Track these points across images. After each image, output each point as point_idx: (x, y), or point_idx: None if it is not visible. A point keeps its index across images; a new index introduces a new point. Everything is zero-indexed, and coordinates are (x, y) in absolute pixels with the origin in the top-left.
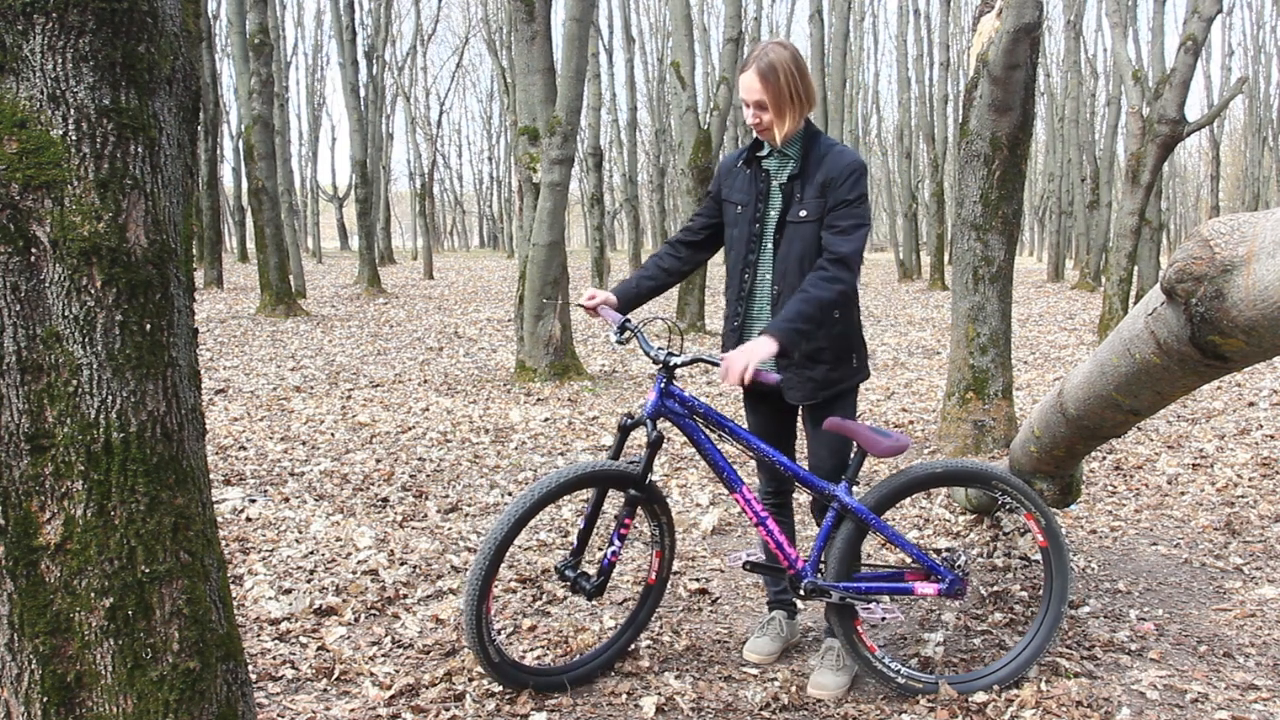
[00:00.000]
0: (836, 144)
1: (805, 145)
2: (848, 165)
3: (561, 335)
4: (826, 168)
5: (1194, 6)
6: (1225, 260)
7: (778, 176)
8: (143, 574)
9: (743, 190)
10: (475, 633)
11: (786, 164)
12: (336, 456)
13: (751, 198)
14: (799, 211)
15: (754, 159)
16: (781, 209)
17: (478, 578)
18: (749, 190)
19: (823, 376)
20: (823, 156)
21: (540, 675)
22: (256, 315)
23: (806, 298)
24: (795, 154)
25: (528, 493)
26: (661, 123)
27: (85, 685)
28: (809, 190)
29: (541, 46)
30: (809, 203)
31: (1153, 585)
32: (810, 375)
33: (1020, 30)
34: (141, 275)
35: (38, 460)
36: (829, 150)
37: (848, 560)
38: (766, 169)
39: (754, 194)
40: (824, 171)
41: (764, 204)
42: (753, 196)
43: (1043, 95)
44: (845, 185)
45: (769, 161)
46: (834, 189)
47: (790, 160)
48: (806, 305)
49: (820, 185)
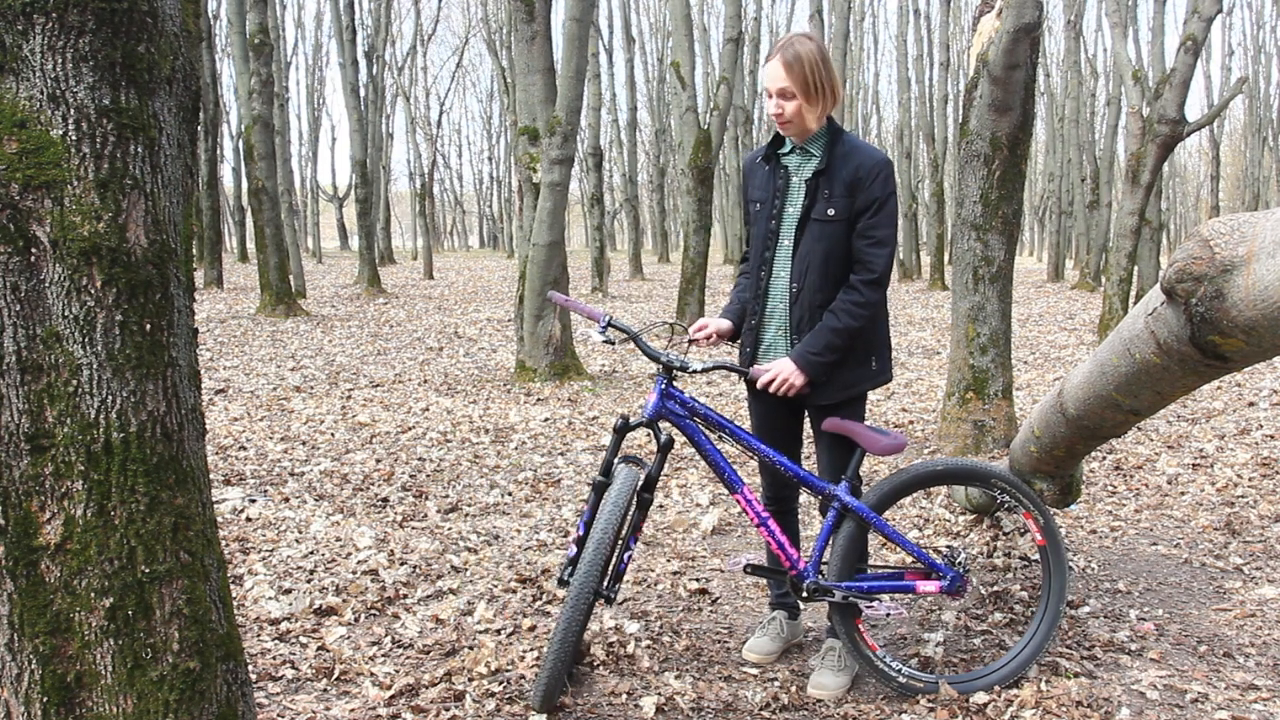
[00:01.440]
0: (861, 141)
1: (829, 142)
2: (878, 163)
3: (561, 335)
4: (854, 165)
5: (1194, 6)
6: (1225, 260)
7: (799, 173)
8: (143, 574)
9: (761, 187)
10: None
11: (809, 160)
12: (336, 456)
13: (769, 194)
14: (826, 210)
15: (773, 155)
16: (805, 206)
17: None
18: (767, 187)
19: (840, 377)
20: (848, 153)
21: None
22: (256, 315)
23: (836, 328)
24: (819, 150)
25: (612, 507)
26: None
27: (85, 685)
28: (836, 188)
29: (541, 46)
30: (837, 201)
31: (1153, 585)
32: (829, 375)
33: (1020, 30)
34: (141, 275)
35: (38, 460)
36: (854, 147)
37: (850, 559)
38: (786, 165)
39: (771, 190)
40: (851, 169)
41: (781, 200)
42: (770, 193)
43: (1043, 95)
44: (876, 183)
45: (790, 158)
46: (864, 188)
47: (813, 157)
48: (836, 336)
49: (848, 184)
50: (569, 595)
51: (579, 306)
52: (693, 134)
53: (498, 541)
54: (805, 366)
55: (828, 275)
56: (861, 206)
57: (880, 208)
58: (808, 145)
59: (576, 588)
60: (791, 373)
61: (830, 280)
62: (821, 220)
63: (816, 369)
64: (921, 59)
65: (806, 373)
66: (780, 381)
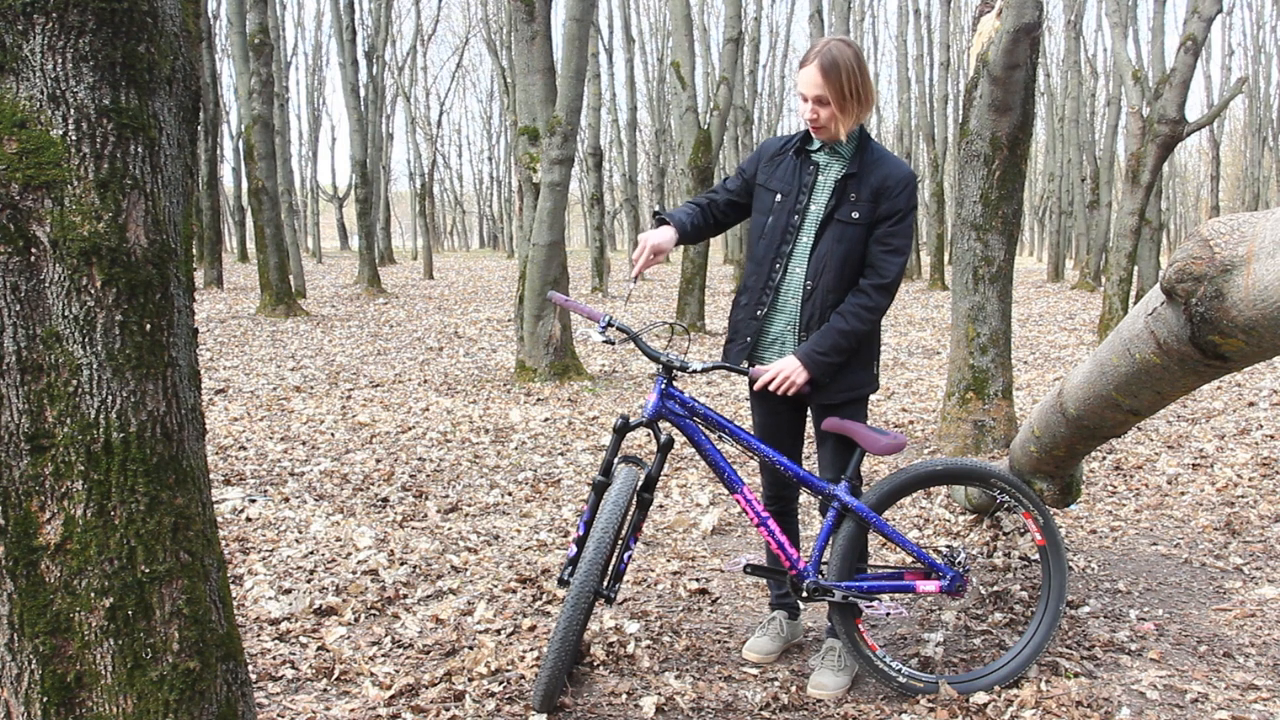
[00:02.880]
0: (887, 151)
1: (858, 146)
2: (905, 176)
3: (561, 335)
4: (883, 174)
5: (1194, 6)
6: (1225, 260)
7: (826, 171)
8: (143, 574)
9: (785, 179)
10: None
11: (837, 161)
12: (336, 456)
13: (794, 188)
14: (851, 213)
15: (803, 151)
16: (831, 206)
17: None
18: (792, 180)
19: (845, 379)
20: (877, 161)
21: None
22: (256, 315)
23: (844, 330)
24: (847, 153)
25: (612, 507)
26: (661, 123)
27: (85, 685)
28: (864, 192)
29: (541, 46)
30: (862, 205)
31: (1153, 585)
32: (834, 376)
33: (1020, 30)
34: (141, 275)
35: (38, 460)
36: (882, 156)
37: (850, 559)
38: (816, 162)
39: (797, 185)
40: (880, 177)
41: (807, 196)
42: (795, 187)
43: (1043, 95)
44: (902, 195)
45: (819, 155)
46: (890, 197)
47: (842, 159)
48: (843, 338)
49: (875, 190)
50: (569, 595)
51: (579, 307)
52: (693, 134)
53: (498, 541)
54: (810, 365)
55: (843, 276)
56: (884, 214)
57: (902, 219)
58: (838, 147)
59: (576, 588)
60: (795, 370)
61: (845, 282)
62: (845, 222)
63: (821, 368)
64: (921, 59)
65: (811, 371)
66: (782, 379)
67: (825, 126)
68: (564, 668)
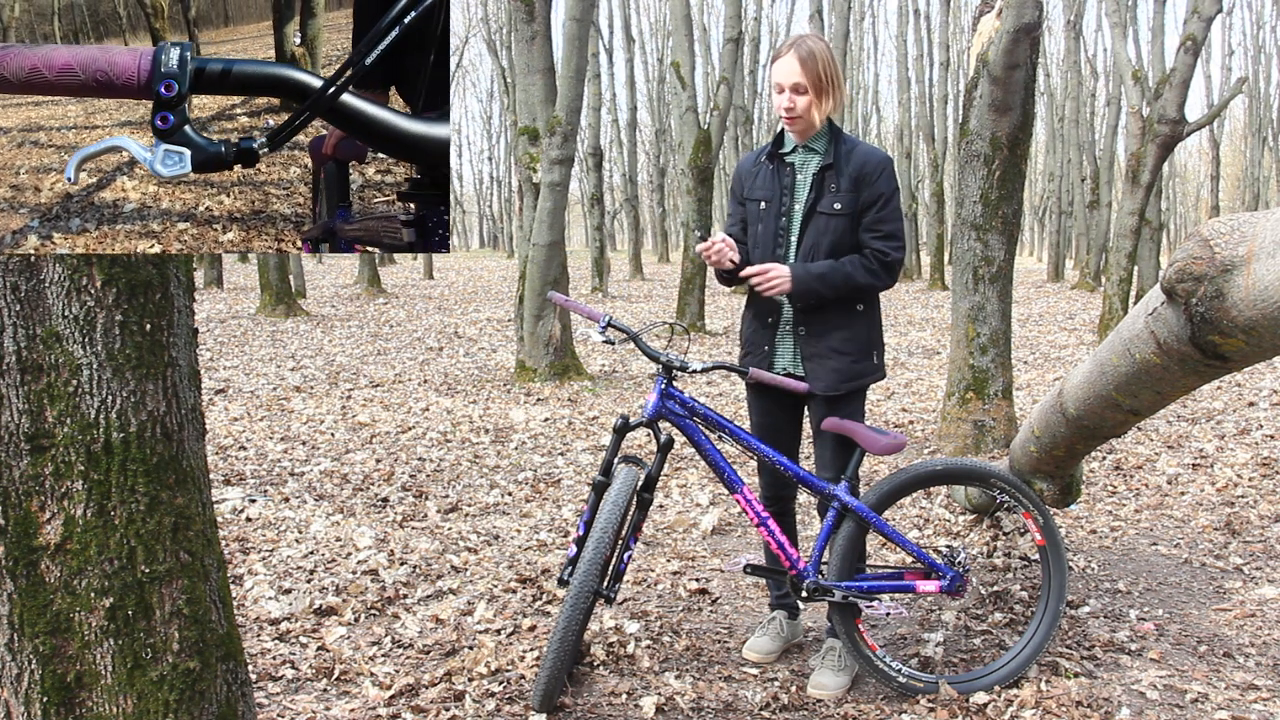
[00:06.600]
0: (860, 140)
1: (831, 139)
2: (881, 160)
3: (561, 335)
4: (858, 162)
5: (1194, 6)
6: (1225, 260)
7: (804, 169)
8: (143, 574)
9: (765, 186)
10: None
11: (813, 157)
12: (336, 456)
13: (776, 192)
14: (833, 204)
15: (776, 155)
16: (812, 199)
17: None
18: (772, 185)
19: (846, 368)
20: (851, 150)
21: None
22: (256, 315)
23: (842, 271)
24: (821, 148)
25: (612, 507)
26: (661, 123)
27: (85, 685)
28: (843, 182)
29: (541, 46)
30: (844, 196)
31: (1153, 585)
32: (834, 366)
33: (1020, 30)
34: (141, 275)
35: (38, 460)
36: (855, 146)
37: (850, 559)
38: (791, 163)
39: (778, 188)
40: (857, 164)
41: (789, 197)
42: (777, 191)
43: (1043, 95)
44: (881, 179)
45: (794, 156)
46: (870, 183)
47: (817, 154)
48: (836, 275)
49: (854, 178)
50: (569, 595)
51: (579, 307)
52: (693, 134)
53: (498, 541)
54: (797, 281)
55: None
56: (867, 201)
57: (886, 203)
58: (810, 143)
59: (576, 587)
60: (784, 278)
61: None
62: (828, 213)
63: (806, 287)
64: (921, 59)
65: (794, 286)
66: (769, 278)
67: (801, 116)
68: (564, 668)
